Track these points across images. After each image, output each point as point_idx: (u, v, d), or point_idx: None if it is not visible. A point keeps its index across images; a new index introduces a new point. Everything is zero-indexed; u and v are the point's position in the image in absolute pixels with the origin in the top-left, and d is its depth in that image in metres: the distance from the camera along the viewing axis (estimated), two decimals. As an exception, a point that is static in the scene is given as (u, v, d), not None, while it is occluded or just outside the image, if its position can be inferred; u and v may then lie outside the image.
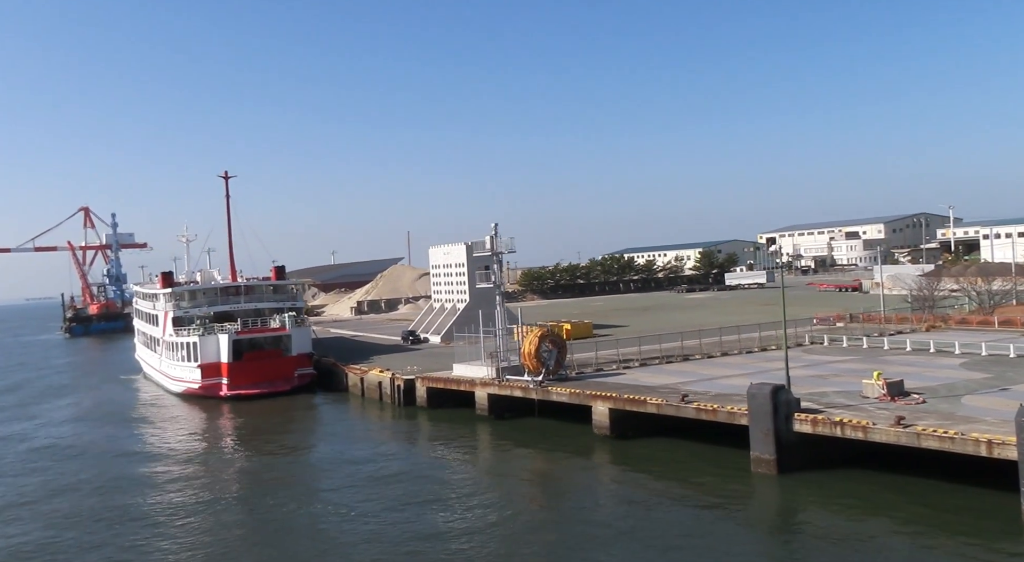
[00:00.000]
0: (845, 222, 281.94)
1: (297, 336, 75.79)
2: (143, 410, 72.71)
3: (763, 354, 60.51)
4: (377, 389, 67.90)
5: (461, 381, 58.35)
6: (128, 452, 54.89)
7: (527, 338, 53.88)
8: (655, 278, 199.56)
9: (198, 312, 77.53)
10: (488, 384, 55.74)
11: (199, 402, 73.31)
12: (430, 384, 61.41)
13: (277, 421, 64.59)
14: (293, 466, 49.05)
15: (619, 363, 57.87)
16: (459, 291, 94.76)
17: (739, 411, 38.91)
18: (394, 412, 63.41)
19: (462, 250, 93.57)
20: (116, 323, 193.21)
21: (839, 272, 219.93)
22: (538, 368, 52.80)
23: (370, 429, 59.13)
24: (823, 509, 33.08)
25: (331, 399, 72.59)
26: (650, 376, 52.72)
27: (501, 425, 53.85)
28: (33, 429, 65.39)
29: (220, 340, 72.91)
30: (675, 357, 59.70)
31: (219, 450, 54.79)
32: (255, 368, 73.43)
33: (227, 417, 67.35)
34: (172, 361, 77.80)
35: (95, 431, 62.99)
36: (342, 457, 48.85)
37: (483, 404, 56.06)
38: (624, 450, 44.62)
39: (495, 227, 61.19)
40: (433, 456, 48.36)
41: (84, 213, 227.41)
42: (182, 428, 63.67)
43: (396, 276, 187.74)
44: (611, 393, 46.80)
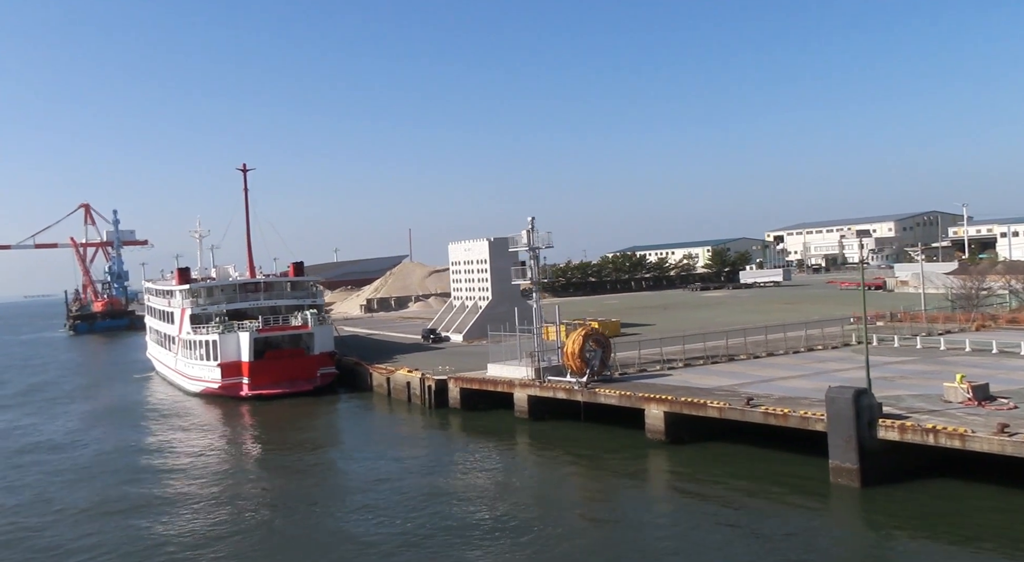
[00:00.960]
0: (855, 220, 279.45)
1: (320, 334, 73.34)
2: (161, 411, 70.20)
3: (811, 354, 58.13)
4: (405, 390, 65.48)
5: (498, 382, 55.93)
6: (148, 455, 52.55)
7: (570, 337, 51.50)
8: (667, 276, 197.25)
9: (216, 309, 75.07)
10: (528, 385, 53.31)
11: (219, 402, 70.86)
12: (464, 385, 58.97)
13: (301, 423, 62.20)
14: (319, 471, 46.68)
15: (662, 363, 55.46)
16: (481, 288, 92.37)
17: (814, 416, 36.52)
18: (424, 414, 61.00)
19: (484, 246, 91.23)
20: (120, 320, 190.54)
21: (853, 270, 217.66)
22: (582, 369, 50.42)
23: (400, 432, 56.69)
24: (919, 525, 30.61)
25: (355, 400, 70.17)
26: (699, 377, 50.31)
27: (542, 428, 51.44)
28: (51, 432, 62.87)
29: (241, 338, 70.44)
30: (720, 357, 57.29)
31: (241, 454, 52.39)
32: (277, 367, 70.98)
33: (248, 418, 64.96)
34: (189, 360, 75.34)
35: (113, 434, 60.51)
36: (371, 463, 46.44)
37: (522, 406, 53.64)
38: (681, 456, 42.21)
39: (532, 221, 58.62)
40: (470, 462, 45.92)
41: (84, 210, 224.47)
42: (202, 430, 61.23)
43: (406, 273, 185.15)
44: (666, 396, 44.39)
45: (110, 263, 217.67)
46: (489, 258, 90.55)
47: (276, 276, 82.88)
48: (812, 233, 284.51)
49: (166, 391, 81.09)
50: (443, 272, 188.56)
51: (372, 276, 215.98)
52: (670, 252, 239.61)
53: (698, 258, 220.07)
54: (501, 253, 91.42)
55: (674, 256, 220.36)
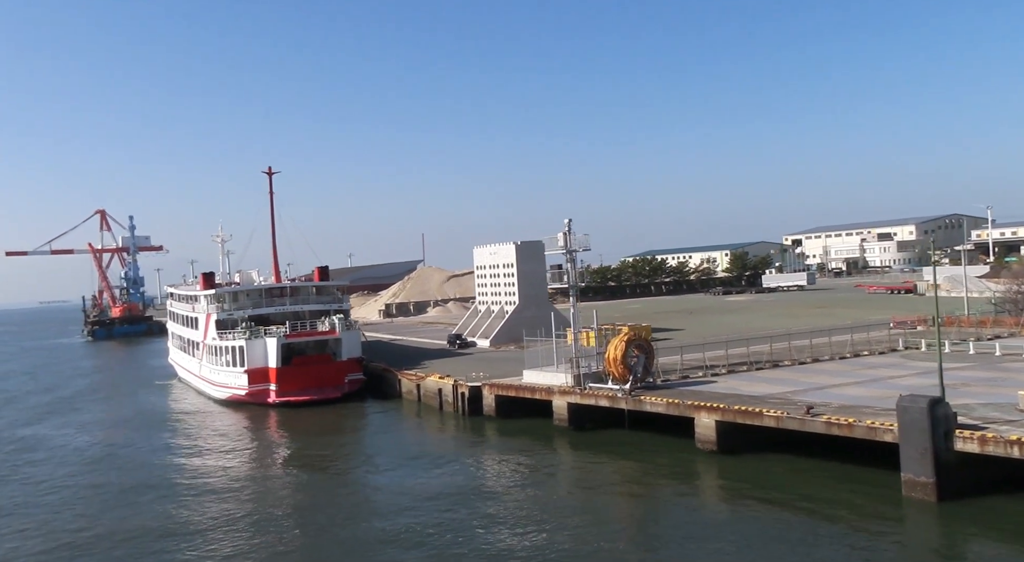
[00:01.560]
0: (875, 223, 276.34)
1: (347, 340, 72.01)
2: (186, 418, 69.01)
3: (859, 360, 56.29)
4: (436, 397, 63.98)
5: (536, 389, 54.33)
6: (175, 463, 51.39)
7: (612, 343, 49.87)
8: (687, 280, 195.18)
9: (242, 314, 73.90)
10: (568, 392, 51.69)
11: (246, 410, 69.59)
12: (499, 392, 57.42)
13: (330, 431, 60.89)
14: (350, 484, 45.36)
15: (705, 369, 53.75)
16: (508, 293, 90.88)
17: (883, 426, 34.75)
18: (457, 422, 59.48)
19: (511, 250, 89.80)
20: (139, 326, 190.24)
21: (875, 274, 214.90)
22: (625, 375, 48.79)
23: (432, 440, 55.20)
24: (1001, 542, 28.85)
25: (383, 407, 68.74)
26: (747, 384, 48.55)
27: (584, 437, 49.80)
28: (75, 438, 61.78)
29: (268, 344, 69.19)
30: (764, 363, 55.50)
31: (269, 464, 50.91)
32: (304, 374, 69.68)
33: (276, 426, 63.68)
34: (215, 366, 74.15)
35: (139, 441, 59.35)
36: (403, 474, 44.95)
37: (562, 414, 52.02)
38: (734, 467, 40.46)
39: (568, 223, 57.09)
40: (510, 472, 44.34)
41: (100, 216, 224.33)
42: (229, 438, 59.98)
43: (424, 278, 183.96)
44: (717, 404, 42.68)
45: (126, 269, 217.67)
46: (516, 262, 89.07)
47: (301, 280, 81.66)
48: (831, 236, 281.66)
49: (191, 398, 79.94)
50: (462, 277, 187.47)
51: (387, 281, 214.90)
52: (687, 256, 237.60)
53: (717, 262, 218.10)
54: (528, 257, 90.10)
55: (692, 260, 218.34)
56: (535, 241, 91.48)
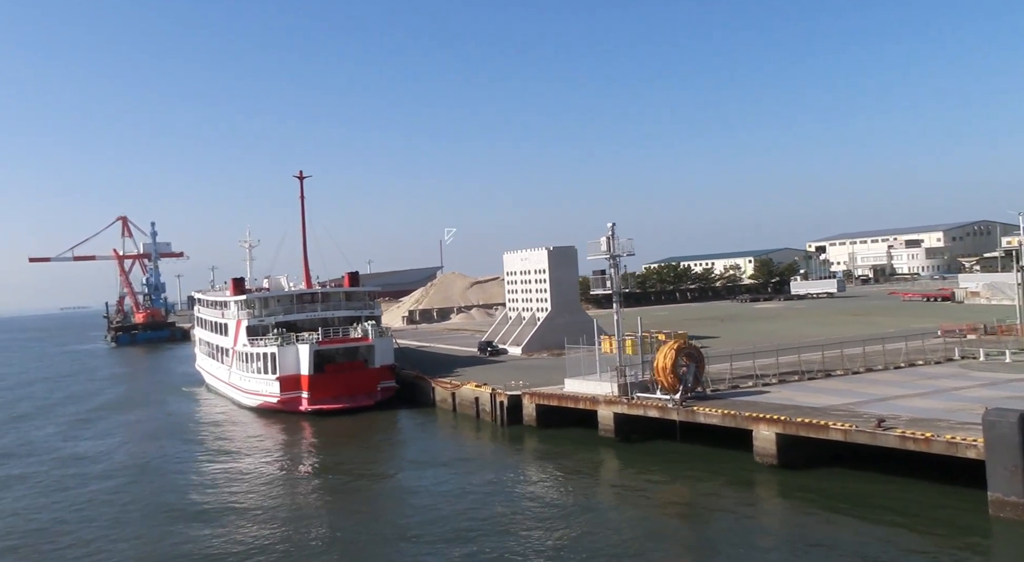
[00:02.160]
0: (901, 230, 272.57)
1: (380, 347, 70.63)
2: (217, 426, 67.84)
3: (914, 370, 54.09)
4: (473, 405, 62.41)
5: (579, 398, 52.61)
6: (208, 472, 50.40)
7: (661, 351, 48.11)
8: (712, 287, 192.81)
9: (273, 321, 72.76)
10: (614, 402, 49.93)
11: (277, 417, 68.33)
12: (540, 401, 55.75)
13: (364, 440, 59.47)
14: (387, 494, 44.03)
15: (755, 378, 51.82)
16: (540, 299, 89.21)
17: (964, 441, 32.78)
18: (495, 432, 57.88)
19: (543, 256, 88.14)
20: (161, 332, 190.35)
21: (905, 281, 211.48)
22: (675, 385, 47.01)
23: (470, 451, 53.48)
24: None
25: (417, 415, 67.22)
26: (803, 395, 46.56)
27: (631, 450, 47.99)
28: (112, 449, 60.69)
29: (300, 351, 67.93)
30: (815, 372, 53.47)
31: (303, 475, 49.54)
32: (337, 381, 68.37)
33: (308, 435, 62.38)
34: (246, 373, 73.00)
35: (174, 451, 58.18)
36: (442, 487, 43.46)
37: (607, 425, 50.24)
38: (797, 482, 38.51)
39: (612, 227, 55.39)
40: (553, 485, 42.77)
41: (122, 222, 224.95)
42: (261, 447, 58.72)
43: (447, 284, 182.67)
44: (777, 415, 40.79)
45: (147, 275, 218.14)
46: (548, 267, 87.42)
47: (331, 286, 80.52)
48: (856, 243, 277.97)
49: (220, 405, 78.83)
50: (485, 283, 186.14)
51: (407, 287, 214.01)
52: (710, 263, 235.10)
53: (740, 269, 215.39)
54: (561, 262, 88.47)
55: (715, 267, 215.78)
56: (567, 246, 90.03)
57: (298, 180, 79.65)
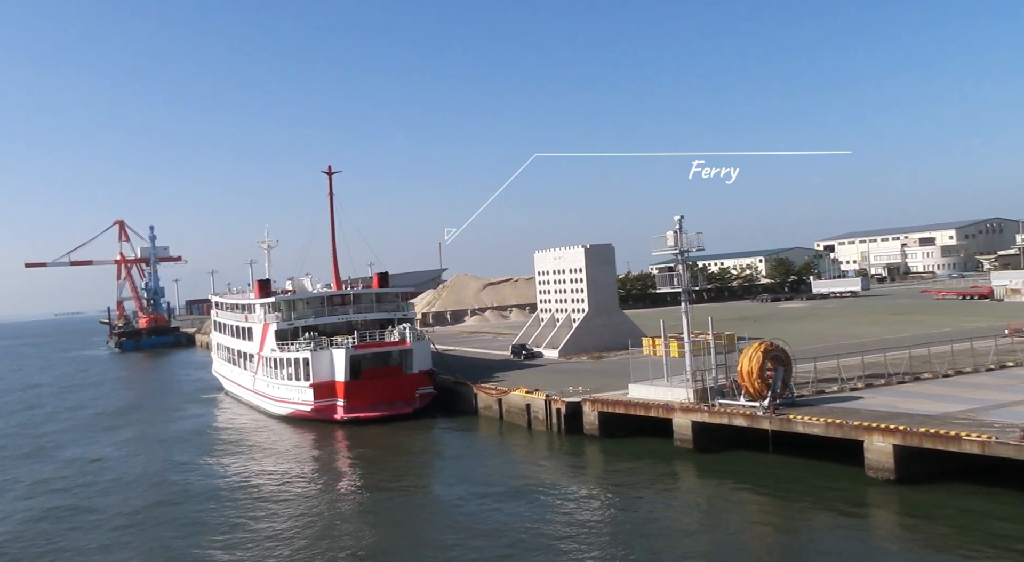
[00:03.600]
0: (912, 228, 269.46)
1: (418, 351, 66.68)
2: (247, 436, 63.71)
3: (1007, 371, 50.41)
4: (523, 413, 58.49)
5: (651, 405, 48.69)
6: (242, 486, 46.70)
7: (746, 354, 44.25)
8: (729, 287, 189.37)
9: (303, 324, 68.74)
10: (692, 409, 46.03)
11: (311, 427, 64.24)
12: (603, 408, 51.83)
13: (407, 452, 55.78)
14: (440, 511, 40.08)
15: (841, 383, 48.02)
16: (576, 300, 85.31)
17: None
18: (551, 442, 53.97)
19: (579, 254, 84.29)
20: (166, 337, 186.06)
21: (921, 280, 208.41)
22: (762, 391, 43.19)
23: (525, 463, 49.34)
24: None
25: (457, 424, 63.23)
26: (904, 401, 42.73)
27: (714, 462, 44.02)
28: (136, 461, 56.78)
29: (335, 356, 63.89)
30: (903, 375, 49.69)
31: (345, 490, 45.81)
32: (374, 388, 64.38)
33: (347, 446, 58.52)
34: (274, 380, 68.88)
35: (200, 461, 54.53)
36: (499, 500, 39.99)
37: (684, 434, 46.32)
38: (920, 500, 34.61)
39: (680, 220, 51.66)
40: (626, 501, 38.91)
41: (119, 226, 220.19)
42: (298, 458, 54.91)
43: (459, 286, 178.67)
44: (895, 425, 36.95)
45: (146, 280, 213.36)
46: (585, 266, 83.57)
47: (361, 287, 76.51)
48: (866, 242, 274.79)
49: (245, 413, 74.65)
50: (498, 284, 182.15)
51: (413, 290, 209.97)
52: (719, 263, 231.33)
53: (753, 268, 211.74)
54: (598, 261, 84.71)
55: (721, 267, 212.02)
56: (604, 244, 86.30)
57: (326, 175, 75.60)
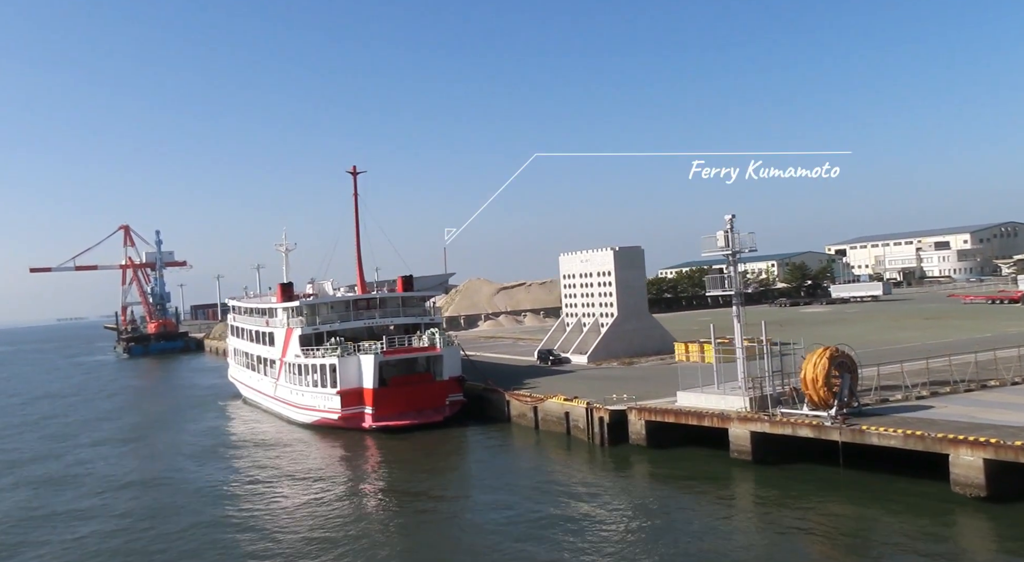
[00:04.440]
0: (925, 232, 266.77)
1: (448, 357, 64.33)
2: (271, 445, 61.23)
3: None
4: (562, 422, 56.07)
5: (704, 414, 46.24)
6: (270, 497, 44.43)
7: (810, 360, 41.83)
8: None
9: (328, 329, 66.43)
10: (751, 419, 43.55)
11: (337, 436, 61.86)
12: (651, 417, 49.37)
13: (438, 462, 53.37)
14: (477, 526, 37.59)
15: (905, 390, 45.54)
16: (604, 303, 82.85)
17: None
18: (593, 453, 51.56)
19: (608, 257, 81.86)
20: (175, 343, 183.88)
21: (936, 284, 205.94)
22: (828, 399, 40.76)
23: (566, 475, 46.51)
24: None
25: (489, 432, 60.75)
26: (980, 410, 40.16)
27: (775, 475, 41.44)
28: (154, 469, 54.53)
29: (363, 362, 61.54)
30: (968, 383, 47.16)
31: (378, 504, 43.43)
32: (403, 395, 62.03)
33: (377, 456, 56.19)
34: (298, 386, 66.52)
35: (224, 471, 52.27)
36: (542, 514, 37.67)
37: (742, 445, 43.82)
38: (1017, 520, 32.25)
39: (731, 220, 49.29)
40: (682, 518, 36.34)
41: (124, 231, 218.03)
42: (326, 469, 52.53)
43: (473, 290, 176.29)
44: (985, 437, 34.46)
45: (151, 284, 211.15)
46: (614, 269, 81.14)
47: (385, 290, 74.22)
48: (877, 246, 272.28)
49: (267, 421, 72.21)
50: (512, 289, 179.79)
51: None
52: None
53: (764, 272, 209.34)
54: (627, 263, 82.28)
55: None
56: (633, 246, 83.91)
57: (351, 175, 73.35)
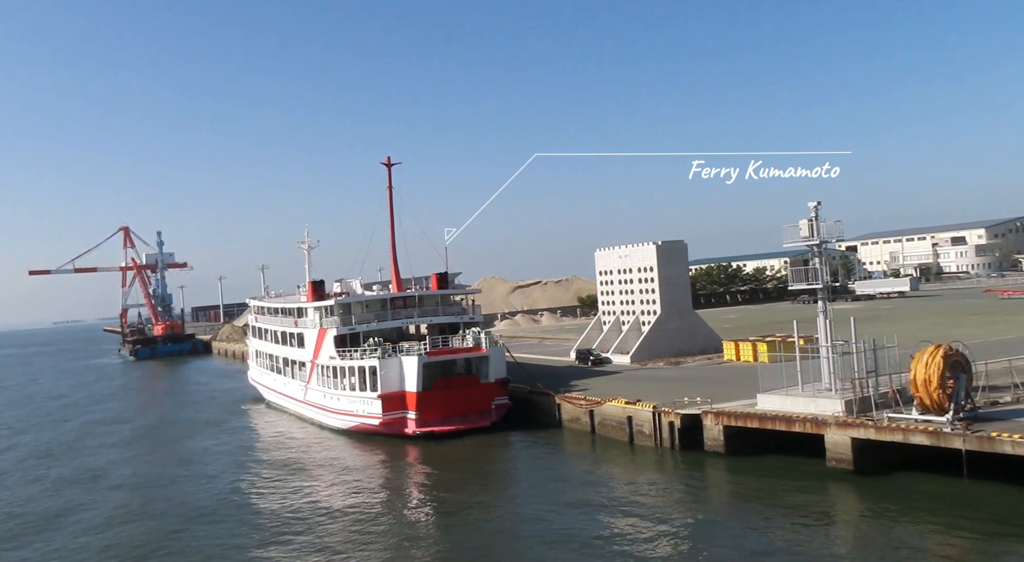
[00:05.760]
0: (939, 227, 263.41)
1: (494, 358, 60.47)
2: (307, 454, 57.33)
3: None
4: (623, 427, 52.24)
5: (794, 419, 42.40)
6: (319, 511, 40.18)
7: (920, 359, 37.99)
8: (763, 288, 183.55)
9: (365, 329, 62.55)
10: (853, 425, 39.74)
11: (378, 442, 57.95)
12: (729, 421, 45.55)
13: (491, 471, 50.07)
14: (547, 544, 33.75)
15: (1015, 389, 41.80)
16: (646, 301, 79.03)
17: None
18: (661, 460, 47.76)
19: (651, 252, 78.04)
20: (183, 345, 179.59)
21: (955, 280, 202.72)
22: (943, 402, 36.98)
23: (637, 485, 42.64)
24: None
25: (539, 438, 56.92)
26: (1111, 413, 36.57)
27: (883, 488, 37.37)
28: (190, 478, 50.62)
29: (406, 364, 57.65)
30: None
31: (429, 519, 39.75)
32: (448, 398, 58.14)
33: (421, 463, 52.37)
34: (334, 390, 62.57)
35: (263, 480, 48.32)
36: (614, 529, 34.19)
37: (840, 453, 39.93)
38: None
39: (816, 207, 45.46)
40: (781, 538, 32.51)
41: (124, 233, 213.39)
42: (371, 481, 48.66)
43: (488, 289, 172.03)
44: None
45: (153, 286, 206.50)
46: (657, 265, 77.32)
47: (422, 288, 70.31)
48: (890, 242, 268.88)
49: (296, 426, 68.19)
50: (527, 287, 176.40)
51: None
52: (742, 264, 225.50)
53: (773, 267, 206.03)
54: (671, 259, 78.48)
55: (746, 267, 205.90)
56: (676, 240, 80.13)
57: (385, 167, 69.31)
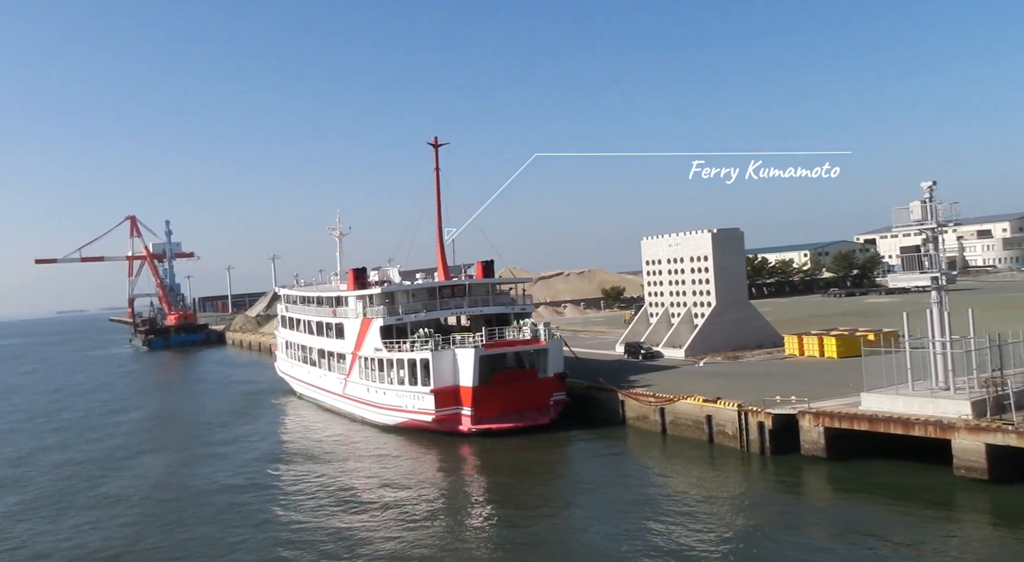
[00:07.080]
0: (962, 221, 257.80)
1: (553, 351, 56.45)
2: (353, 451, 53.68)
3: None
4: (701, 427, 48.27)
5: (913, 422, 38.31)
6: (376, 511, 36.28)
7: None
8: (790, 281, 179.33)
9: (413, 319, 58.59)
10: (987, 429, 35.65)
11: (429, 440, 54.16)
12: (831, 423, 41.46)
13: (555, 474, 46.46)
14: None
15: None
16: (700, 292, 74.80)
17: None
18: (748, 464, 43.84)
19: (705, 240, 73.80)
20: (196, 335, 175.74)
21: (982, 273, 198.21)
22: (1097, 404, 32.91)
23: (724, 492, 39.01)
24: None
25: (601, 437, 53.21)
26: None
27: (1023, 499, 33.68)
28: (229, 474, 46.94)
29: (460, 356, 53.67)
30: None
31: (492, 528, 35.61)
32: (505, 394, 54.19)
33: (479, 463, 48.68)
34: (379, 384, 58.62)
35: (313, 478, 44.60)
36: (705, 551, 30.29)
37: (972, 461, 35.84)
38: None
39: (930, 188, 41.31)
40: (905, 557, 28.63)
41: (131, 222, 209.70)
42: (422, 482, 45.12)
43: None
44: None
45: (161, 276, 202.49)
46: (712, 254, 73.11)
47: (468, 276, 66.36)
48: (911, 236, 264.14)
49: (336, 422, 64.27)
50: (550, 279, 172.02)
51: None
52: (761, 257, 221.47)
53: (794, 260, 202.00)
54: (727, 248, 74.32)
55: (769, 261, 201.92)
56: (732, 229, 75.96)
57: (432, 148, 65.26)
